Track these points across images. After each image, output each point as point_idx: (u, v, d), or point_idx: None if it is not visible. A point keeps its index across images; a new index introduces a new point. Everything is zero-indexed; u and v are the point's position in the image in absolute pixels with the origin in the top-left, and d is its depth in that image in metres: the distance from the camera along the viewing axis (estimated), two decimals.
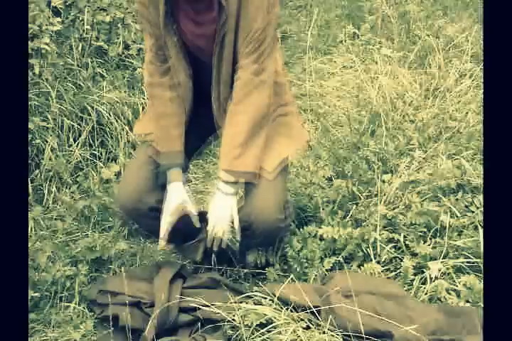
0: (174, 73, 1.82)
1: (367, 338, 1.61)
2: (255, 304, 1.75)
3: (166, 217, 1.84)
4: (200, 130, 1.97)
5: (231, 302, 1.75)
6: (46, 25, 2.80)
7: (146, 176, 1.88)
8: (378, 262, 1.97)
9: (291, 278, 1.85)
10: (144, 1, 1.75)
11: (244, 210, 1.80)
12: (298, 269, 1.96)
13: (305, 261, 1.97)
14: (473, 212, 2.08)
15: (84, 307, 2.00)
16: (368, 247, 1.99)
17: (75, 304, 2.01)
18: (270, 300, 1.74)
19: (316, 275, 1.95)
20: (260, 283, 1.92)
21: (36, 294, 2.01)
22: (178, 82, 1.84)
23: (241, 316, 1.70)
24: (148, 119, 1.97)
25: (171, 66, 1.82)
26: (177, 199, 1.83)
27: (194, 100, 1.89)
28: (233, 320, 1.71)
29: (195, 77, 1.85)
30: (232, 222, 1.80)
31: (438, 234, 2.03)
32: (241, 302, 1.75)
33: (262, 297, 1.76)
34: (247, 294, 1.80)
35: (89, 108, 2.88)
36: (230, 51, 1.74)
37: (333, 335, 1.63)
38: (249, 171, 1.76)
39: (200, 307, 1.77)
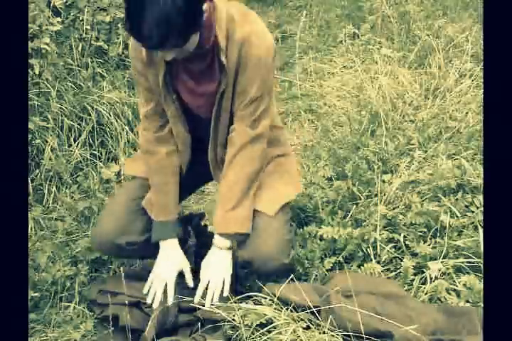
0: (174, 128, 1.83)
1: (367, 338, 1.62)
2: (255, 304, 1.75)
3: (159, 290, 1.82)
4: (195, 177, 1.97)
5: (231, 302, 1.75)
6: (46, 25, 2.79)
7: (124, 219, 1.85)
8: (378, 262, 1.97)
9: (291, 278, 1.85)
10: (142, 70, 1.74)
11: (245, 249, 1.78)
12: (300, 270, 1.96)
13: (306, 261, 1.97)
14: (473, 212, 2.07)
15: (84, 307, 2.00)
16: (368, 247, 1.99)
17: (75, 304, 2.01)
18: (270, 300, 1.74)
19: (316, 276, 1.95)
20: (260, 283, 1.92)
21: (36, 294, 2.01)
22: (176, 147, 1.86)
23: (241, 316, 1.70)
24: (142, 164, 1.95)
25: (171, 126, 1.83)
26: (172, 272, 1.84)
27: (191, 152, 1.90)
28: (233, 320, 1.71)
29: (191, 130, 1.86)
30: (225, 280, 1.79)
31: (438, 234, 2.03)
32: (241, 302, 1.75)
33: (262, 297, 1.76)
34: (247, 294, 1.80)
35: (89, 108, 2.88)
36: (227, 111, 1.75)
37: (333, 335, 1.63)
38: (242, 232, 1.76)
39: (200, 307, 1.77)
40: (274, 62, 1.73)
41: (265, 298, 1.75)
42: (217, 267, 1.79)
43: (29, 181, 2.58)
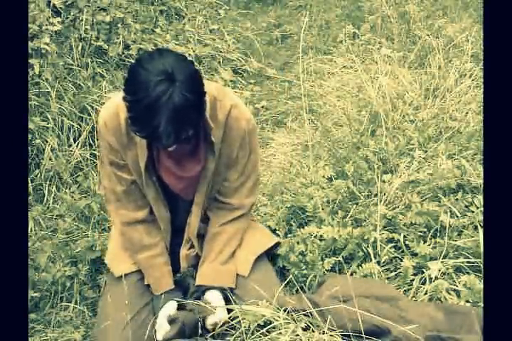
0: (155, 209, 1.81)
1: (366, 338, 1.62)
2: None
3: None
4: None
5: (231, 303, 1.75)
6: (46, 25, 2.80)
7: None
8: (378, 262, 1.97)
9: (289, 280, 1.86)
10: (116, 147, 1.69)
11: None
12: (296, 272, 1.95)
13: (303, 263, 1.97)
14: (473, 212, 2.07)
15: (84, 307, 2.00)
16: (368, 247, 1.98)
17: (75, 304, 2.01)
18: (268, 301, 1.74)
19: (314, 277, 1.95)
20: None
21: (36, 294, 2.01)
22: (156, 225, 1.84)
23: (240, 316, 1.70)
24: (127, 256, 1.89)
25: (151, 204, 1.80)
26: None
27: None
28: (233, 319, 1.71)
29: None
30: None
31: (438, 234, 2.03)
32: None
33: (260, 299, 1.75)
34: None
35: (89, 108, 2.88)
36: (208, 189, 1.80)
37: (332, 335, 1.63)
38: (226, 286, 1.80)
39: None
40: (256, 136, 1.80)
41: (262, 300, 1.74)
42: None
43: (29, 181, 2.58)
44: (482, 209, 2.05)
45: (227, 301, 1.78)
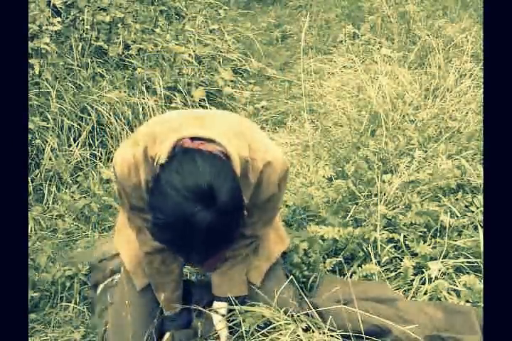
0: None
1: (366, 338, 1.62)
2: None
3: None
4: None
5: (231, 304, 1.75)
6: (46, 25, 2.80)
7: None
8: (378, 262, 1.97)
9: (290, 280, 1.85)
10: (137, 195, 1.51)
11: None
12: (297, 273, 1.95)
13: (305, 264, 1.97)
14: (473, 212, 2.07)
15: (84, 307, 2.00)
16: (369, 247, 1.99)
17: (75, 304, 2.01)
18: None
19: (315, 277, 1.94)
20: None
21: (36, 294, 2.02)
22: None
23: (241, 318, 1.70)
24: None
25: None
26: None
27: None
28: (233, 320, 1.71)
29: None
30: None
31: (438, 234, 2.03)
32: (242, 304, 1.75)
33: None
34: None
35: (89, 108, 2.88)
36: None
37: (332, 336, 1.63)
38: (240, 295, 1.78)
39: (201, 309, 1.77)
40: (286, 180, 1.62)
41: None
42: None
43: (29, 181, 2.58)
44: (482, 209, 2.05)
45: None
